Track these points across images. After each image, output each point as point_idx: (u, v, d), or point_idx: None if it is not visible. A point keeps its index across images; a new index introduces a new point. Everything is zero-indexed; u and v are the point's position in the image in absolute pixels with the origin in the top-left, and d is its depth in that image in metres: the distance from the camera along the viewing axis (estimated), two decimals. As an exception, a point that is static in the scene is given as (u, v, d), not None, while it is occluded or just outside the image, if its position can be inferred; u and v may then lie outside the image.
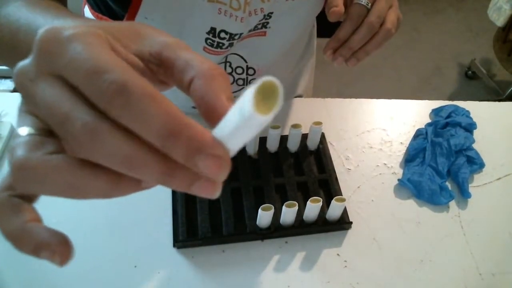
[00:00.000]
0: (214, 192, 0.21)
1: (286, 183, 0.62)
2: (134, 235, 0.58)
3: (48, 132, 0.22)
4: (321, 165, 0.66)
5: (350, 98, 0.78)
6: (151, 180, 0.21)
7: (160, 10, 0.52)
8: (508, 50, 1.87)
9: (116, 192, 0.22)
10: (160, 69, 0.24)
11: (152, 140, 0.19)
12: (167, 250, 0.57)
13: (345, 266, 0.57)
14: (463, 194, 0.65)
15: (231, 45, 0.57)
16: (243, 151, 0.65)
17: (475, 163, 0.68)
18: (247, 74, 0.64)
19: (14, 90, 1.37)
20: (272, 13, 0.57)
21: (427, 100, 0.79)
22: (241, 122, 0.19)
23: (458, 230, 0.62)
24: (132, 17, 0.51)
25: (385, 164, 0.69)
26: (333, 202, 0.56)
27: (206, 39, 0.55)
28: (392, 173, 0.68)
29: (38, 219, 0.26)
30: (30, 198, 0.26)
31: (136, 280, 0.54)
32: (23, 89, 0.22)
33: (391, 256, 0.59)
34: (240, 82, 0.65)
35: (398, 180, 0.66)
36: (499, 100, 2.08)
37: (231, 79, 0.64)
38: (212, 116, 0.21)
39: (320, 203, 0.55)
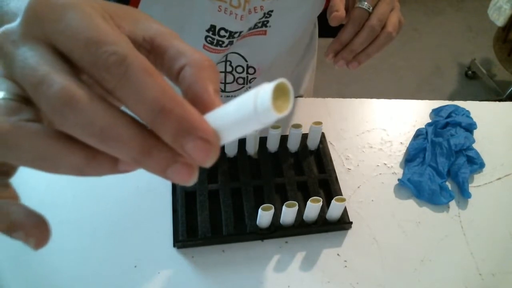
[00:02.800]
0: (190, 178, 0.20)
1: (286, 183, 0.62)
2: (134, 235, 0.58)
3: (25, 100, 0.22)
4: (321, 165, 0.66)
5: (350, 98, 0.78)
6: (127, 158, 0.20)
7: (159, 7, 0.52)
8: (508, 50, 1.87)
9: (90, 169, 0.21)
10: (150, 55, 0.24)
11: (143, 113, 0.19)
12: (167, 250, 0.57)
13: (345, 266, 0.57)
14: (463, 194, 0.65)
15: (231, 43, 0.58)
16: (243, 151, 0.65)
17: (475, 163, 0.68)
18: (247, 73, 0.64)
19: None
20: (272, 11, 0.57)
21: (427, 100, 0.79)
22: (249, 115, 0.19)
23: (458, 230, 0.62)
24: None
25: (385, 164, 0.69)
26: (333, 202, 0.56)
27: (206, 36, 0.55)
28: (392, 173, 0.68)
29: (14, 196, 0.25)
30: (6, 173, 0.25)
31: (136, 280, 0.54)
32: (1, 50, 0.21)
33: (391, 256, 0.59)
34: (240, 81, 0.65)
35: (398, 180, 0.66)
36: (499, 100, 2.08)
37: (231, 78, 0.64)
38: (197, 105, 0.21)
39: (320, 203, 0.55)
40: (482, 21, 2.48)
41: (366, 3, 0.51)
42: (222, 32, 0.55)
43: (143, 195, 0.62)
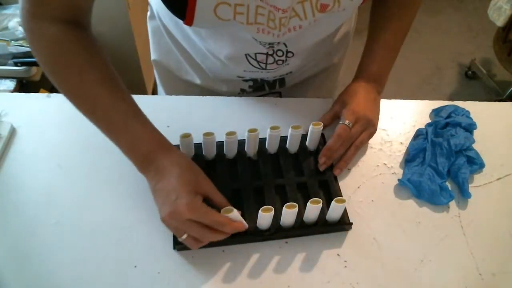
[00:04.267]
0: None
1: (286, 184, 0.62)
2: (134, 235, 0.58)
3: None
4: None
5: (350, 98, 0.78)
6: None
7: (208, 25, 0.59)
8: (508, 50, 1.87)
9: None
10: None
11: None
12: (167, 250, 0.57)
13: (345, 266, 0.57)
14: (463, 194, 0.65)
15: (271, 46, 0.64)
16: (242, 152, 0.65)
17: (475, 163, 0.68)
18: (286, 56, 0.69)
19: (14, 90, 1.37)
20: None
21: (427, 100, 0.79)
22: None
23: (458, 230, 0.62)
24: (190, 22, 0.57)
25: (385, 164, 0.69)
26: (333, 203, 0.56)
27: (252, 37, 0.61)
28: (392, 173, 0.68)
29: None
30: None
31: (136, 280, 0.54)
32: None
33: (391, 256, 0.59)
34: (280, 62, 0.70)
35: (398, 180, 0.66)
36: (499, 100, 2.08)
37: (272, 59, 0.69)
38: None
39: (320, 205, 0.55)
40: (482, 21, 2.48)
41: (347, 121, 0.65)
42: (262, 42, 0.62)
43: (143, 195, 0.62)
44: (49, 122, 0.70)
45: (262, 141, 0.66)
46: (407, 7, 0.70)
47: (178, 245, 0.56)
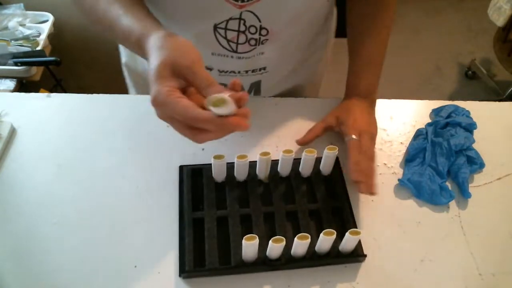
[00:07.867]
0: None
1: (298, 211, 0.60)
2: (134, 235, 0.58)
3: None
4: (334, 192, 0.63)
5: (350, 98, 0.77)
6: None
7: None
8: (508, 50, 1.87)
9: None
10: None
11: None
12: (167, 251, 0.56)
13: (345, 266, 0.57)
14: (463, 194, 0.65)
15: (242, 0, 0.59)
16: (253, 175, 0.63)
17: (475, 163, 0.68)
18: (260, 34, 0.65)
19: (14, 90, 1.37)
20: None
21: (427, 100, 0.79)
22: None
23: (458, 230, 0.62)
24: None
25: (385, 164, 0.69)
26: (348, 235, 0.53)
27: None
28: (392, 173, 0.68)
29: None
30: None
31: (136, 280, 0.54)
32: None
33: (391, 256, 0.59)
34: (253, 42, 0.66)
35: (398, 180, 0.66)
36: (499, 100, 2.08)
37: (244, 38, 0.65)
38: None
39: (334, 236, 0.52)
40: (482, 21, 2.47)
41: (354, 136, 0.65)
42: None
43: (144, 195, 0.62)
44: (49, 122, 0.70)
45: (275, 163, 0.63)
46: (382, 18, 0.70)
47: (184, 273, 0.53)
